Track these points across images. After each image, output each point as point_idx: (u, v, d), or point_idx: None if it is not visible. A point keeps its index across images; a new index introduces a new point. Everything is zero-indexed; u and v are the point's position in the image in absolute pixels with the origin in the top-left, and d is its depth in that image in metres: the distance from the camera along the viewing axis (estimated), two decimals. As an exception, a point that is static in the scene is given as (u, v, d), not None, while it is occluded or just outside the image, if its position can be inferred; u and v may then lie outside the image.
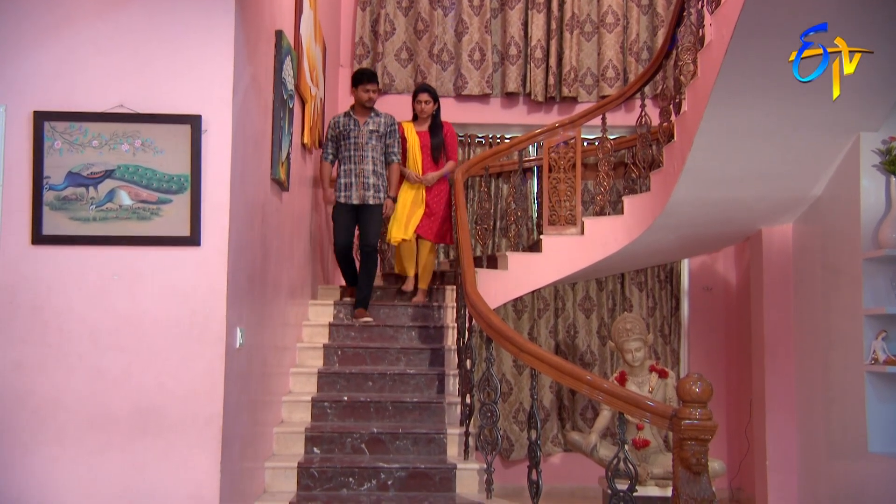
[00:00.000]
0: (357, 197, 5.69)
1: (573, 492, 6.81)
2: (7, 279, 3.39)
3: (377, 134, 5.76)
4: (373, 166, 5.71)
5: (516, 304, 7.29)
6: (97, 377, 3.39)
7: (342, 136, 5.77)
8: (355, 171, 5.69)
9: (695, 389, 3.30)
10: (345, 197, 5.73)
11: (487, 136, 7.62)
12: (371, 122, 5.77)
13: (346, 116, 5.81)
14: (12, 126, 3.42)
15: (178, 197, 3.43)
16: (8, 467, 3.33)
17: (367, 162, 5.70)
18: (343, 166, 5.76)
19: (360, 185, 5.68)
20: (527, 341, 4.23)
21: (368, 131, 5.73)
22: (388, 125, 5.83)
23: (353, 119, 5.76)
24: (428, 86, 6.31)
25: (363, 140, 5.71)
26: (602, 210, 6.17)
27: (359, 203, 5.70)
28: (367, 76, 5.74)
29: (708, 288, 7.50)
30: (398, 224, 6.03)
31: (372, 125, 5.76)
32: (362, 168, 5.69)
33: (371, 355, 5.35)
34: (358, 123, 5.74)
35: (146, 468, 3.36)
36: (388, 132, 5.83)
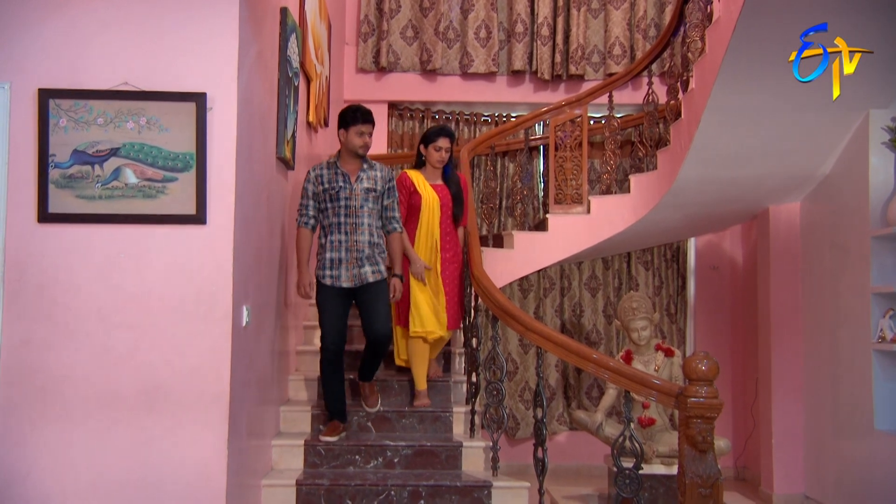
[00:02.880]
0: (349, 277, 4.35)
1: (578, 470, 6.84)
2: (14, 257, 3.40)
3: (373, 193, 4.44)
4: (369, 236, 4.40)
5: (522, 283, 7.30)
6: (104, 355, 3.41)
7: (328, 196, 4.40)
8: (346, 244, 4.36)
9: (701, 367, 3.32)
10: (331, 278, 4.36)
11: (493, 114, 7.59)
12: (365, 178, 4.43)
13: (331, 168, 4.43)
14: (17, 103, 3.41)
15: (184, 175, 3.43)
16: (17, 443, 3.36)
17: (363, 231, 4.38)
18: (329, 236, 4.40)
19: (352, 261, 4.35)
20: (533, 320, 4.24)
21: (363, 189, 4.40)
22: (386, 181, 4.52)
23: (342, 173, 4.40)
24: (448, 128, 4.96)
25: (356, 202, 4.38)
26: (608, 189, 6.16)
27: (353, 285, 4.39)
28: (362, 115, 4.41)
29: (714, 267, 7.49)
30: (426, 313, 4.68)
31: (367, 181, 4.42)
32: (356, 240, 4.36)
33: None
34: (348, 179, 4.39)
35: (154, 445, 3.39)
36: (385, 190, 4.52)
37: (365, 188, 4.41)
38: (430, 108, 7.57)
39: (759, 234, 6.46)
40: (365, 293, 4.40)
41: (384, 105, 7.43)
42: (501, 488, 4.19)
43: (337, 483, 4.15)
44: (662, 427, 5.30)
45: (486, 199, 6.79)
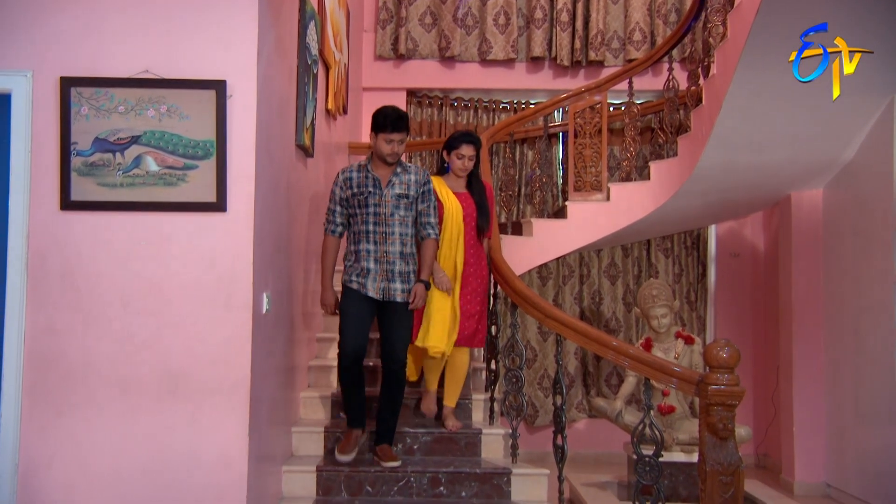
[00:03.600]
0: (376, 290, 4.05)
1: (597, 457, 6.84)
2: (37, 244, 3.43)
3: (406, 200, 4.10)
4: (401, 246, 4.08)
5: (541, 270, 7.28)
6: (126, 341, 3.43)
7: (357, 202, 4.10)
8: (375, 254, 4.06)
9: (722, 355, 3.29)
10: (358, 283, 4.06)
11: (512, 101, 7.56)
12: (397, 182, 4.10)
13: (361, 171, 4.13)
14: (39, 92, 3.43)
15: (204, 163, 3.44)
16: (41, 429, 3.39)
17: (394, 241, 4.06)
18: (356, 245, 4.10)
19: (382, 273, 4.05)
20: (552, 307, 4.23)
21: (395, 196, 4.08)
22: (421, 184, 4.16)
23: (373, 177, 4.10)
24: (472, 135, 4.55)
25: (387, 209, 4.06)
26: (628, 176, 6.13)
27: (380, 299, 4.08)
28: (392, 121, 4.04)
29: (735, 254, 7.44)
30: (435, 327, 4.32)
31: (399, 187, 4.10)
32: (386, 250, 4.05)
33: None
34: (379, 184, 4.08)
35: (176, 431, 3.41)
36: (421, 194, 4.17)
37: (396, 194, 4.06)
38: (449, 95, 7.55)
39: (781, 221, 6.41)
40: (390, 311, 4.10)
41: (402, 92, 7.42)
42: (521, 475, 4.20)
43: (357, 469, 4.17)
44: (682, 415, 5.28)
45: (504, 186, 6.77)
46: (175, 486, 3.40)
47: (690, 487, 4.94)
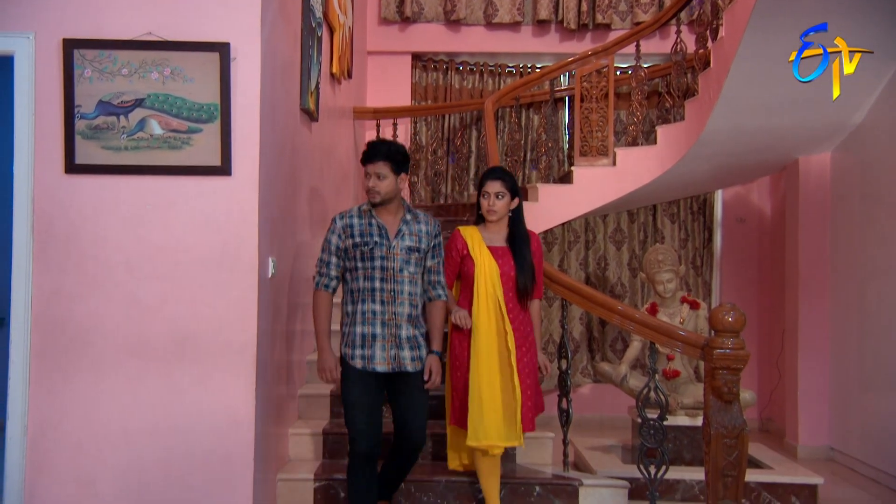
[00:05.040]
0: (385, 359, 3.43)
1: (602, 421, 6.88)
2: (43, 208, 3.43)
3: (417, 255, 3.51)
4: (410, 308, 3.48)
5: (546, 236, 7.27)
6: (133, 305, 3.44)
7: (359, 254, 3.48)
8: (383, 317, 3.44)
9: (728, 319, 3.30)
10: (362, 359, 3.44)
11: (518, 65, 7.50)
12: (407, 233, 3.51)
13: (364, 217, 3.52)
14: (42, 54, 3.41)
15: (209, 126, 3.42)
16: (49, 392, 3.42)
17: (404, 301, 3.47)
18: (359, 305, 3.48)
19: (390, 339, 3.44)
20: (558, 272, 4.23)
21: (405, 249, 3.48)
22: (432, 236, 3.58)
23: (378, 224, 3.50)
24: (498, 169, 3.81)
25: (396, 264, 3.46)
26: (635, 140, 6.09)
27: (391, 370, 3.46)
28: (367, 153, 3.51)
29: (741, 219, 7.42)
30: (489, 416, 3.58)
31: (409, 238, 3.50)
32: (394, 311, 3.45)
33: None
34: (386, 233, 3.48)
35: (183, 394, 3.44)
36: (431, 248, 3.58)
37: (407, 247, 3.48)
38: (454, 59, 7.48)
39: (788, 185, 6.38)
40: (401, 384, 3.50)
41: (407, 56, 7.37)
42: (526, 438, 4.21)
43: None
44: (687, 379, 5.30)
45: (510, 151, 6.74)
46: (183, 448, 3.43)
47: (694, 451, 4.97)
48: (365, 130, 6.95)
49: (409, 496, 3.96)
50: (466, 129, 7.38)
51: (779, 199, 7.04)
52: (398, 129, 6.86)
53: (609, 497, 4.00)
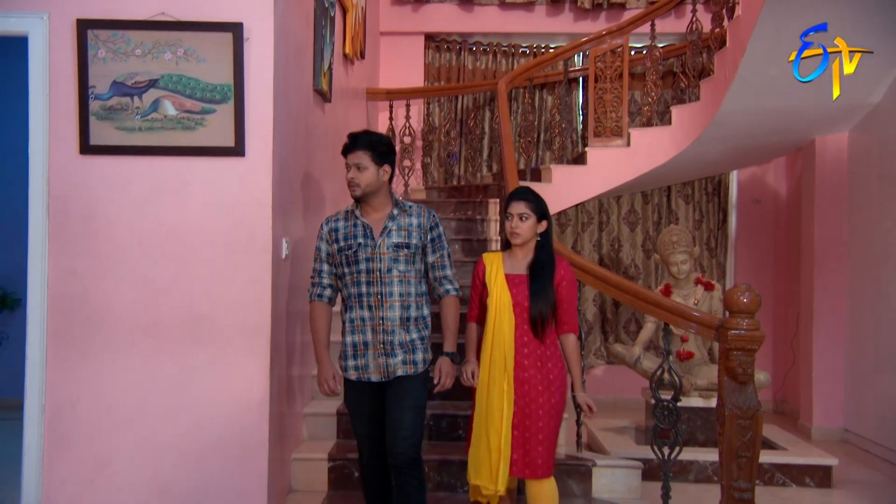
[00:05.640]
0: (377, 368, 3.21)
1: (615, 403, 6.88)
2: (58, 188, 3.44)
3: (406, 251, 3.23)
4: (401, 311, 3.22)
5: (560, 217, 7.25)
6: (147, 286, 3.46)
7: (344, 258, 3.26)
8: (371, 322, 3.22)
9: (742, 300, 3.28)
10: (356, 370, 3.24)
11: (532, 45, 7.45)
12: (394, 229, 3.25)
13: (348, 220, 3.30)
14: (56, 35, 3.41)
15: (222, 107, 3.42)
16: (67, 371, 3.45)
17: (393, 304, 3.20)
18: (349, 313, 3.28)
19: (379, 346, 3.20)
20: (572, 253, 4.21)
21: (391, 246, 3.22)
22: (426, 229, 3.29)
23: (362, 224, 3.26)
24: (526, 190, 3.41)
25: (382, 265, 3.20)
26: (649, 121, 6.05)
27: (382, 379, 3.22)
28: (349, 142, 3.26)
29: (757, 200, 7.37)
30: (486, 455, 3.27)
31: (396, 234, 3.24)
32: (382, 317, 3.20)
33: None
34: (371, 233, 3.24)
35: (198, 374, 3.46)
36: (429, 242, 3.31)
37: (393, 244, 3.21)
38: (468, 39, 7.44)
39: (805, 165, 6.33)
40: (391, 390, 3.22)
41: (420, 37, 7.35)
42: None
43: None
44: (701, 360, 5.29)
45: (523, 132, 6.71)
46: (198, 428, 3.45)
47: (708, 432, 4.97)
48: (378, 112, 6.93)
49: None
50: (480, 110, 7.35)
51: (795, 179, 6.98)
52: (411, 110, 6.84)
53: (622, 477, 4.00)
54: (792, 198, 7.08)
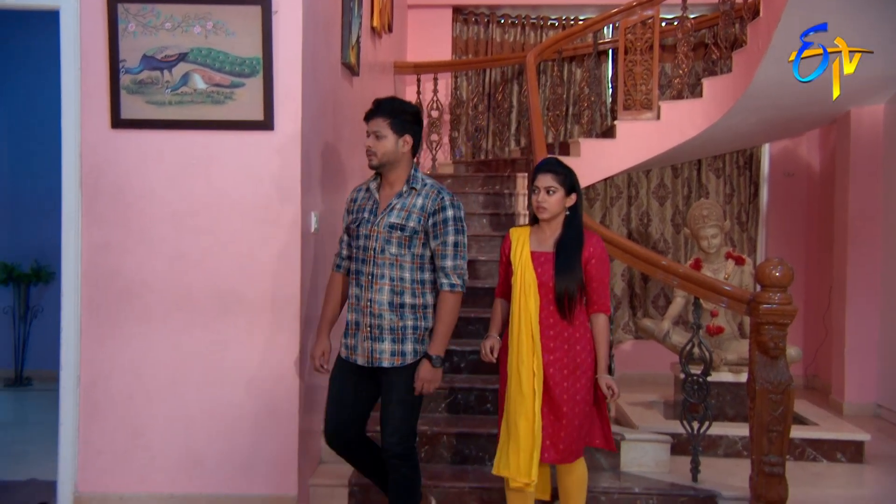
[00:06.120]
0: (364, 352, 3.04)
1: (644, 378, 6.85)
2: (90, 162, 3.47)
3: (400, 233, 3.01)
4: (391, 295, 3.01)
5: (588, 191, 7.20)
6: (179, 259, 3.49)
7: (351, 232, 3.17)
8: (360, 302, 3.06)
9: (775, 273, 3.25)
10: (347, 348, 3.12)
11: (561, 17, 7.36)
12: (397, 207, 3.04)
13: (367, 189, 3.18)
14: (87, 8, 3.42)
15: (251, 80, 3.42)
16: (101, 343, 3.50)
17: (383, 287, 3.01)
18: (350, 288, 3.17)
19: (365, 330, 3.03)
20: (601, 226, 4.20)
21: (387, 226, 3.02)
22: (430, 212, 3.02)
23: (374, 199, 3.13)
24: (553, 161, 3.23)
25: (377, 244, 3.03)
26: (680, 93, 5.97)
27: (367, 365, 3.05)
28: (371, 109, 3.12)
29: (789, 173, 7.27)
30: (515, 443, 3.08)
31: (396, 214, 3.03)
32: (370, 299, 3.02)
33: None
34: (376, 208, 3.10)
35: (229, 346, 3.49)
36: (432, 226, 3.03)
37: (389, 224, 3.01)
38: (496, 12, 7.37)
39: (839, 138, 6.22)
40: (382, 381, 3.07)
41: (448, 10, 7.29)
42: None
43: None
44: (731, 335, 5.25)
45: (552, 105, 6.65)
46: (228, 400, 3.49)
47: (738, 407, 4.94)
48: (405, 85, 6.90)
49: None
50: (507, 84, 7.30)
51: (829, 152, 6.87)
52: (438, 83, 6.80)
53: (651, 452, 3.99)
54: (825, 171, 6.97)
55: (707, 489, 3.72)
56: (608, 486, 3.74)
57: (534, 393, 3.05)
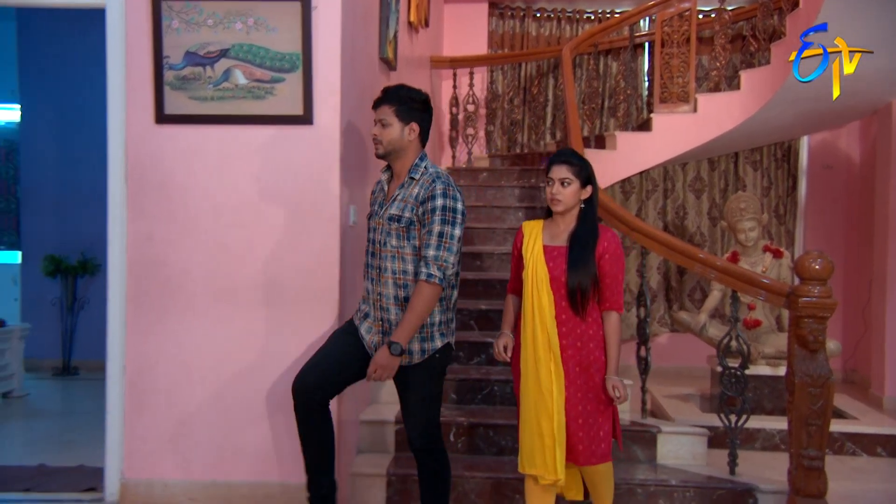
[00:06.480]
0: (373, 345, 3.01)
1: (679, 371, 6.81)
2: (135, 157, 3.53)
3: (397, 225, 2.93)
4: (395, 289, 2.95)
5: (623, 184, 7.16)
6: (221, 251, 3.53)
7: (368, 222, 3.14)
8: (371, 296, 3.04)
9: (815, 266, 3.21)
10: (360, 315, 3.10)
11: (596, 11, 7.32)
12: (399, 198, 2.97)
13: (380, 182, 3.12)
14: (132, 6, 3.47)
15: (291, 75, 3.45)
16: (146, 333, 3.56)
17: (387, 280, 2.96)
18: (364, 281, 3.13)
19: (377, 323, 3.01)
20: (638, 220, 4.17)
21: (387, 218, 2.96)
22: (421, 201, 2.91)
23: (384, 189, 3.08)
24: (568, 152, 3.06)
25: (381, 237, 2.99)
26: (717, 86, 5.91)
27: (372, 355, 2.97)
28: (379, 97, 3.05)
29: (828, 166, 7.15)
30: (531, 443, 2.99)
31: (396, 205, 2.96)
32: (379, 292, 2.98)
33: (479, 235, 5.40)
34: (383, 199, 3.06)
35: (270, 337, 3.53)
36: (423, 213, 2.91)
37: (389, 216, 2.94)
38: (532, 6, 7.35)
39: (880, 129, 6.11)
40: (399, 377, 2.99)
41: (484, 4, 7.29)
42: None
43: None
44: (768, 328, 5.20)
45: (587, 98, 6.62)
46: (269, 389, 3.53)
47: (775, 401, 4.89)
48: (442, 80, 6.90)
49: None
50: (543, 77, 7.27)
51: (869, 144, 6.75)
52: (474, 77, 6.79)
53: (688, 444, 3.97)
54: (866, 163, 6.85)
55: (745, 482, 3.69)
56: (645, 479, 3.72)
57: (553, 392, 2.93)
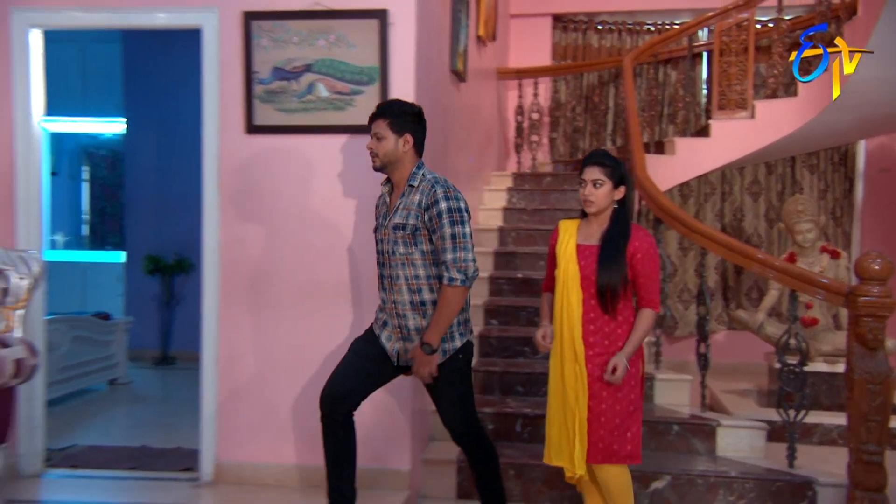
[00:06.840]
0: (394, 352, 2.99)
1: (736, 367, 6.62)
2: (228, 165, 3.62)
3: (403, 232, 2.87)
4: (409, 295, 2.91)
5: (682, 188, 7.02)
6: (306, 252, 3.59)
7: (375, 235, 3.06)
8: (386, 305, 2.99)
9: (874, 267, 3.11)
10: (379, 324, 3.04)
11: (656, 22, 7.21)
12: (401, 207, 2.90)
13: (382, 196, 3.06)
14: (225, 26, 3.56)
15: (369, 88, 3.49)
16: (237, 327, 3.64)
17: (401, 288, 2.91)
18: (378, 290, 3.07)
19: (396, 330, 2.97)
20: (697, 221, 4.10)
21: (392, 227, 2.90)
22: (424, 207, 2.85)
23: (386, 202, 3.02)
24: (600, 153, 2.94)
25: (388, 246, 2.93)
26: (774, 93, 5.75)
27: (395, 363, 3.02)
28: (374, 112, 2.96)
29: (886, 169, 6.89)
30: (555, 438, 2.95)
31: (400, 214, 2.89)
32: (394, 300, 2.94)
33: (542, 237, 5.36)
34: (387, 210, 2.99)
35: (349, 331, 3.56)
36: (429, 220, 2.85)
37: (393, 225, 2.89)
38: (594, 18, 7.27)
39: (937, 134, 5.86)
40: None
41: (548, 18, 7.25)
42: (665, 380, 4.17)
43: (508, 371, 4.25)
44: (825, 327, 5.03)
45: (647, 106, 6.52)
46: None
47: (833, 397, 4.73)
48: (508, 90, 6.89)
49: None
50: (604, 87, 7.19)
51: (926, 148, 6.49)
52: (538, 87, 6.76)
53: (747, 438, 3.87)
54: (922, 167, 6.59)
55: (804, 475, 3.58)
56: (705, 470, 3.65)
57: (577, 389, 2.84)
